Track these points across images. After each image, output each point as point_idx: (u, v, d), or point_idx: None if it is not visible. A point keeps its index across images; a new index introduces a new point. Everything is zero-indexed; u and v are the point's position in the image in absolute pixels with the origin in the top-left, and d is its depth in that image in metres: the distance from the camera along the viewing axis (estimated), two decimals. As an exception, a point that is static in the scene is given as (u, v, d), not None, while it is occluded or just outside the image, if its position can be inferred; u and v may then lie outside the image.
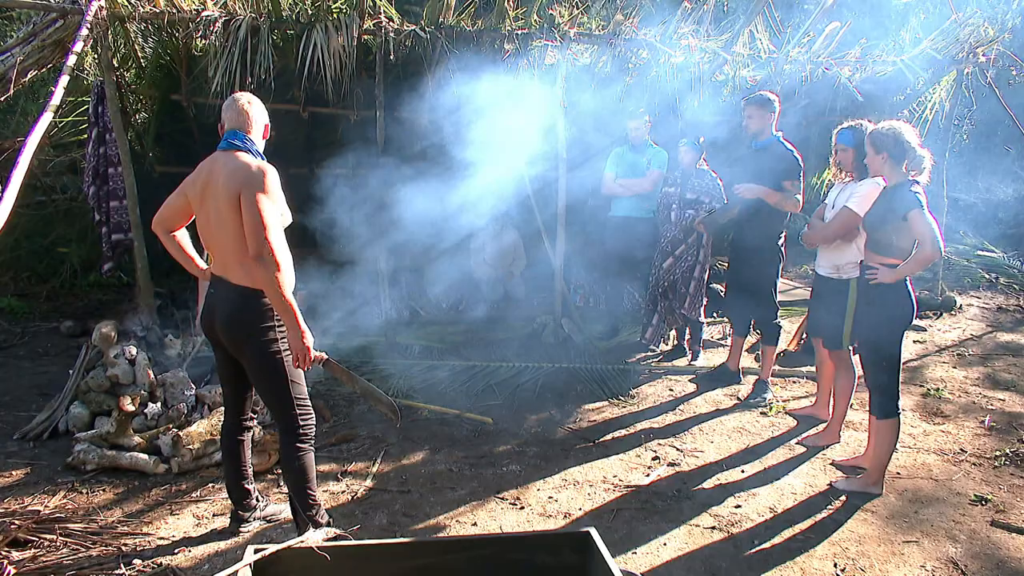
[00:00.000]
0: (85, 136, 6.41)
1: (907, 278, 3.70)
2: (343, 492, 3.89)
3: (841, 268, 4.34)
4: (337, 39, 5.58)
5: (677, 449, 4.49)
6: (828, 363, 4.66)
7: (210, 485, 3.91)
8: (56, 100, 4.20)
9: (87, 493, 3.80)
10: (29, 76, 5.56)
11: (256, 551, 2.20)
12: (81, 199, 7.04)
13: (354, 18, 5.65)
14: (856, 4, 8.21)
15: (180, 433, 4.06)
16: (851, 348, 4.43)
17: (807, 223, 4.62)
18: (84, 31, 4.92)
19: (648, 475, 4.14)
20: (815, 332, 4.74)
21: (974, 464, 4.34)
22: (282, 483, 3.72)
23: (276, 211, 2.92)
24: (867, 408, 4.03)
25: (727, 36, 6.62)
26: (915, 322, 3.86)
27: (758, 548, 3.43)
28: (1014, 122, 7.52)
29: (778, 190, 4.89)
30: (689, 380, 5.69)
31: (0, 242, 6.90)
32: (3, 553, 3.10)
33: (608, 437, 4.66)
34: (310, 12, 5.75)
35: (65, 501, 3.70)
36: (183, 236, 3.26)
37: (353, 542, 2.36)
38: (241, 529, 3.43)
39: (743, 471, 4.22)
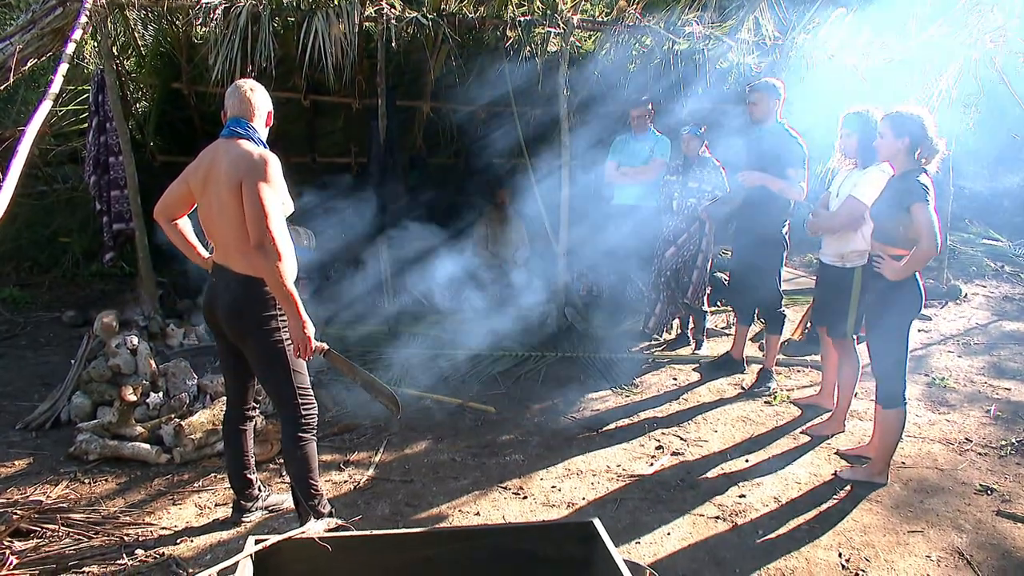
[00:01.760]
0: (86, 125, 6.38)
1: None
2: (345, 482, 3.88)
3: (845, 257, 4.30)
4: (338, 26, 5.53)
5: (681, 438, 4.47)
6: (832, 352, 4.63)
7: (212, 475, 3.91)
8: (56, 89, 4.16)
9: (89, 483, 3.79)
10: (29, 64, 5.53)
11: (257, 541, 2.18)
12: (82, 188, 7.03)
13: (355, 5, 5.59)
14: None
15: (182, 423, 4.06)
16: (855, 337, 4.40)
17: (811, 211, 4.58)
18: (83, 19, 4.87)
19: (652, 464, 4.12)
20: (819, 321, 4.72)
21: (980, 454, 4.32)
22: (284, 473, 3.71)
23: (278, 200, 2.90)
24: (872, 397, 4.01)
25: (732, 23, 6.56)
26: (921, 311, 3.82)
27: (763, 538, 3.42)
28: (1022, 109, 7.45)
29: (782, 178, 4.85)
30: (693, 369, 5.67)
31: (1, 232, 6.89)
32: (5, 543, 3.10)
33: (612, 426, 4.65)
34: (311, -1, 5.71)
35: (67, 491, 3.69)
36: (185, 225, 3.23)
37: (355, 533, 2.35)
38: (243, 519, 3.42)
39: (747, 460, 4.20)
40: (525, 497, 3.76)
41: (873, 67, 6.99)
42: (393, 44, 5.81)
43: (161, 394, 4.47)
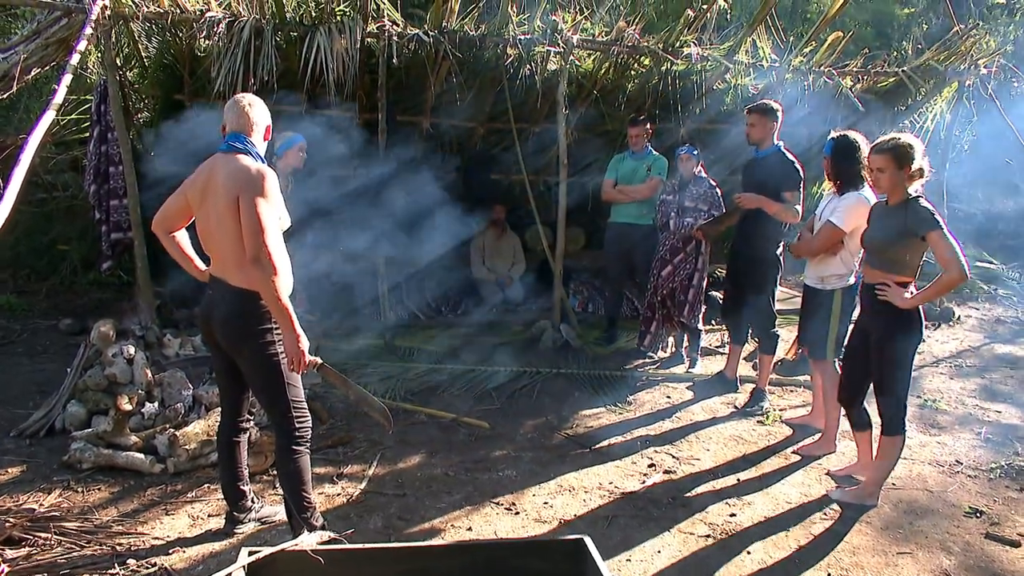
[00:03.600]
0: (87, 134, 6.42)
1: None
2: (338, 495, 3.89)
3: (825, 279, 4.36)
4: (340, 42, 5.60)
5: (673, 456, 4.49)
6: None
7: (206, 486, 3.91)
8: (59, 98, 4.20)
9: (83, 492, 3.80)
10: (32, 74, 5.58)
11: (250, 553, 2.20)
12: (82, 197, 7.05)
13: (357, 21, 5.66)
14: (859, 14, 8.22)
15: (177, 433, 4.06)
16: (837, 360, 4.41)
17: (798, 233, 4.63)
18: (88, 30, 4.93)
19: (644, 482, 4.14)
20: (804, 341, 4.75)
21: (969, 476, 4.34)
22: (277, 485, 3.72)
23: (274, 215, 2.93)
24: (863, 418, 4.04)
25: (729, 44, 6.64)
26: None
27: (752, 557, 3.43)
28: (1015, 134, 7.53)
29: (778, 200, 4.90)
30: (686, 388, 5.69)
31: (0, 239, 6.91)
32: (-2, 551, 3.11)
33: (604, 443, 4.66)
34: (314, 14, 5.77)
35: (60, 499, 3.70)
36: (183, 237, 3.26)
37: (347, 546, 2.36)
38: (236, 530, 3.43)
39: (739, 479, 4.22)
40: (517, 513, 3.77)
41: (869, 90, 7.08)
42: (394, 60, 5.87)
43: (156, 404, 4.48)
